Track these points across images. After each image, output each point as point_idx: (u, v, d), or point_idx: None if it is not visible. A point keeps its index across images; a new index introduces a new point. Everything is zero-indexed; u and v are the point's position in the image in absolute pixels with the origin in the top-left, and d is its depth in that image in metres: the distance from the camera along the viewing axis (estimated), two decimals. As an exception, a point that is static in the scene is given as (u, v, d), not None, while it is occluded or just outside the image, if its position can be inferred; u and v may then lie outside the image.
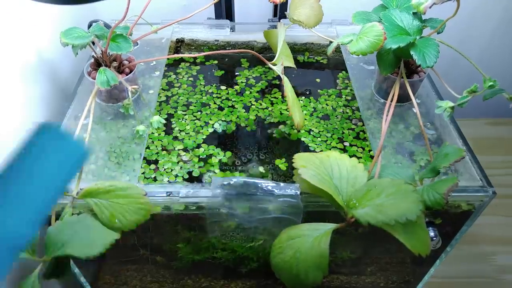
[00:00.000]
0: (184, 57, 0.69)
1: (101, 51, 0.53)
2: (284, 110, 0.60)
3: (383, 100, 0.60)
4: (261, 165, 0.52)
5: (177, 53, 0.71)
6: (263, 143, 0.56)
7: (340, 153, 0.45)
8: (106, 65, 0.54)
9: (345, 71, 0.67)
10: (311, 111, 0.60)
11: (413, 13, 0.49)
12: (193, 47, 0.72)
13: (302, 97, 0.62)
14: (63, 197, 0.44)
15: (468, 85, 0.46)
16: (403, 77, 0.52)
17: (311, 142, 0.55)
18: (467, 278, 0.75)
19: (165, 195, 0.47)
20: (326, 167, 0.43)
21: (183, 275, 0.61)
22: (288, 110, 0.59)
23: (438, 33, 0.50)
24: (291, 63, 0.63)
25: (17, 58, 0.55)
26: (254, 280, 0.61)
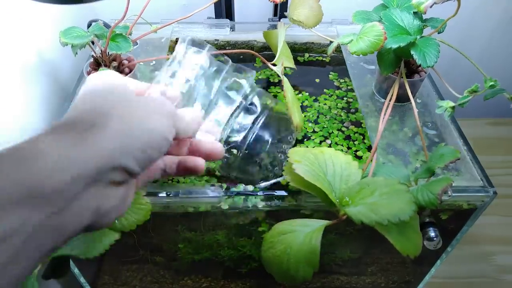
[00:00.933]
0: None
1: (101, 50, 0.53)
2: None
3: (383, 99, 0.60)
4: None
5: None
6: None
7: (335, 150, 0.45)
8: (105, 65, 0.54)
9: (346, 71, 0.66)
10: (310, 110, 0.60)
11: (414, 12, 0.49)
12: (193, 47, 0.72)
13: (305, 94, 0.62)
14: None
15: (468, 85, 0.46)
16: (403, 77, 0.52)
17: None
18: (468, 278, 0.74)
19: (165, 195, 0.47)
20: (320, 163, 0.43)
21: (183, 275, 0.61)
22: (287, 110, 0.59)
23: (438, 33, 0.50)
24: (291, 64, 0.63)
25: (17, 58, 0.55)
26: (254, 280, 0.61)
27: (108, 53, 0.53)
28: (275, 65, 0.55)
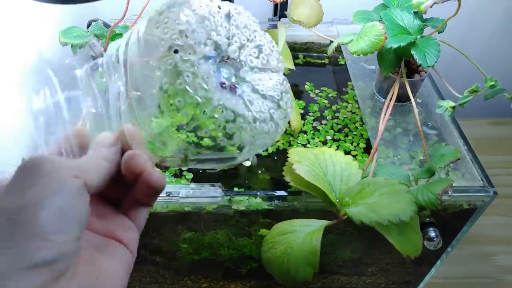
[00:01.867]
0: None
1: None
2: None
3: (383, 99, 0.60)
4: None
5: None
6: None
7: (335, 150, 0.44)
8: (105, 65, 0.54)
9: (346, 70, 0.66)
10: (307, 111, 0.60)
11: (414, 12, 0.49)
12: (193, 47, 0.71)
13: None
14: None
15: (469, 84, 0.46)
16: (403, 77, 0.52)
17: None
18: (468, 278, 0.74)
19: (165, 195, 0.47)
20: (320, 163, 0.43)
21: (182, 276, 0.60)
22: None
23: (439, 33, 0.50)
24: (291, 65, 0.63)
25: (17, 57, 0.54)
26: (254, 280, 0.61)
27: (107, 53, 0.53)
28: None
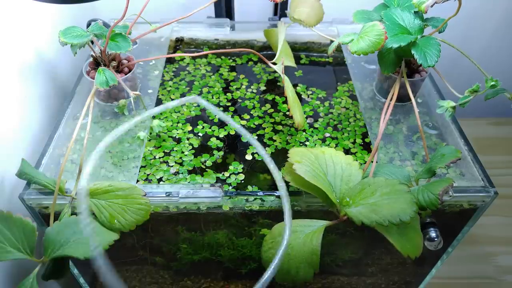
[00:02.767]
0: (183, 56, 0.69)
1: (100, 50, 0.52)
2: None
3: (384, 99, 0.60)
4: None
5: (176, 52, 0.71)
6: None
7: (335, 150, 0.44)
8: (105, 65, 0.54)
9: (346, 70, 0.66)
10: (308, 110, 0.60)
11: (415, 12, 0.48)
12: (193, 46, 0.71)
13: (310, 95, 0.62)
14: (62, 197, 0.44)
15: (469, 84, 0.45)
16: (403, 77, 0.52)
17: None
18: (469, 279, 0.74)
19: (165, 195, 0.47)
20: (321, 163, 0.42)
21: (182, 276, 0.60)
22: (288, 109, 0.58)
23: (439, 32, 0.50)
24: (292, 63, 0.63)
25: (16, 57, 0.54)
26: (254, 281, 0.61)
27: (107, 52, 0.53)
28: (275, 63, 0.55)
